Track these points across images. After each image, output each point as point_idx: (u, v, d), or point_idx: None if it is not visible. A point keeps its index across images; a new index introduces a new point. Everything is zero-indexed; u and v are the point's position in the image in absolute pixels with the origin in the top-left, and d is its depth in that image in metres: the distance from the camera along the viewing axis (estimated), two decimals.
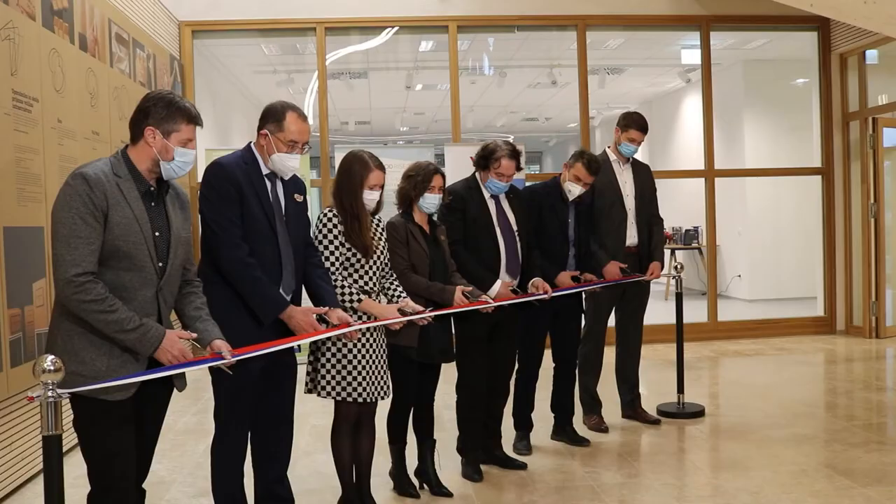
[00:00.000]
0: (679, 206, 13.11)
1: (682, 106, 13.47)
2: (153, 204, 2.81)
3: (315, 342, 3.64)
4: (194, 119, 2.84)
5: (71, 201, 2.62)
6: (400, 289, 3.88)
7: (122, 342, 2.67)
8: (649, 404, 5.70)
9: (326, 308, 3.36)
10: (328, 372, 3.61)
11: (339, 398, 3.65)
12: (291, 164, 3.32)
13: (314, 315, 3.33)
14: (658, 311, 6.17)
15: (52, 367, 2.25)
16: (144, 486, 3.00)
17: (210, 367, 3.07)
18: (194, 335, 2.88)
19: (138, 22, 6.85)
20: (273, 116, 3.30)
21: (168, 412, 3.11)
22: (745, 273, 11.96)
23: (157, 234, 2.78)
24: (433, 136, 17.65)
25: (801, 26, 9.05)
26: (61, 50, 5.06)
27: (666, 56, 11.55)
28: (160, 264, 2.79)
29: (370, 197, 3.66)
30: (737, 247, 12.07)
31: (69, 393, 2.51)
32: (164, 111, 2.77)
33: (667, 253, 13.07)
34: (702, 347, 8.45)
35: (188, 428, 5.67)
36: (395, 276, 3.92)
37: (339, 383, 3.62)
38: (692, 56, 9.65)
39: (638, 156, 5.56)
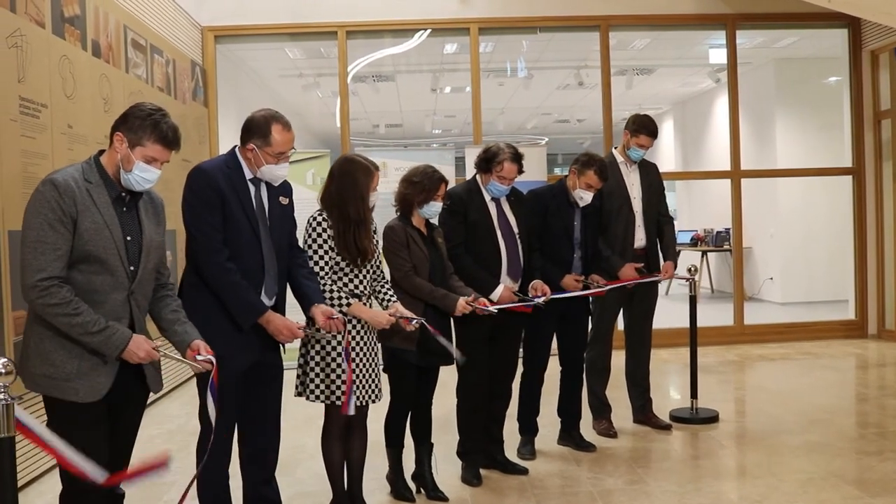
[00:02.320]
0: (711, 207, 12.97)
1: (714, 106, 13.28)
2: (124, 209, 2.84)
3: (304, 346, 3.65)
4: (165, 141, 2.82)
5: (40, 207, 2.66)
6: (391, 293, 3.86)
7: (87, 345, 2.70)
8: (664, 409, 5.61)
9: (303, 324, 3.37)
10: (317, 376, 3.62)
11: (328, 402, 3.65)
12: (280, 173, 3.33)
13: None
14: (681, 314, 6.07)
15: (2, 370, 2.30)
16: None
17: (196, 373, 3.10)
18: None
19: (160, 28, 6.94)
20: (259, 131, 3.29)
21: (179, 414, 3.17)
22: (778, 276, 11.74)
23: (128, 238, 2.81)
24: (466, 138, 17.64)
25: (831, 24, 8.87)
26: (72, 56, 5.14)
27: (694, 56, 11.41)
28: (131, 268, 2.82)
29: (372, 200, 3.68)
30: (769, 249, 11.87)
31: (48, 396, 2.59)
32: (138, 122, 2.80)
33: (697, 255, 12.96)
34: (727, 351, 8.31)
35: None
36: (386, 280, 3.91)
37: (328, 387, 3.62)
38: (720, 55, 9.50)
39: (671, 158, 5.51)
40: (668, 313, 5.85)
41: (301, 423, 5.56)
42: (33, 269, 2.63)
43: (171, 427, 5.65)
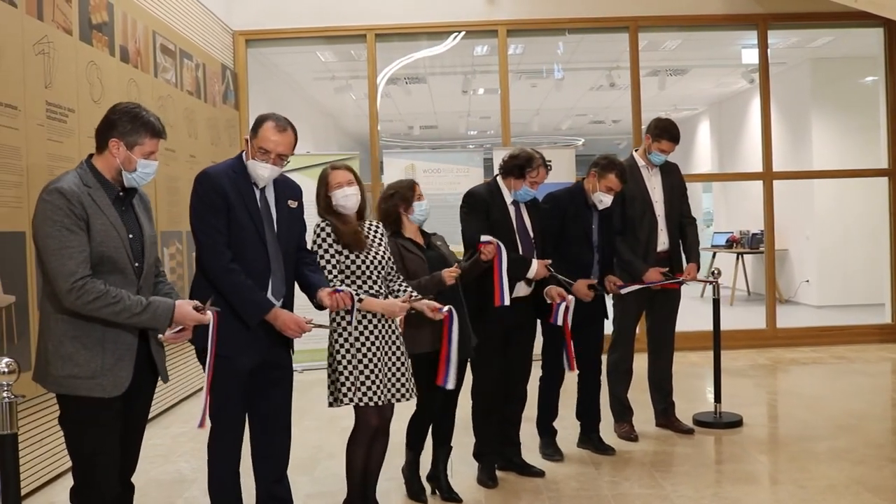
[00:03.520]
0: (747, 209, 12.81)
1: (749, 107, 13.12)
2: (123, 209, 2.95)
3: (331, 355, 3.68)
4: (158, 133, 2.96)
5: (52, 215, 2.73)
6: (409, 289, 3.88)
7: (138, 325, 2.84)
8: (688, 412, 5.57)
9: (312, 319, 3.40)
10: (347, 379, 3.63)
11: (360, 403, 3.67)
12: (260, 171, 3.31)
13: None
14: (710, 317, 5.99)
15: (6, 370, 2.37)
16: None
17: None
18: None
19: (190, 33, 7.05)
20: (255, 124, 3.37)
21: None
22: (814, 278, 11.56)
23: (130, 236, 2.92)
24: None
25: (865, 23, 8.69)
26: (100, 62, 5.25)
27: (727, 56, 11.28)
28: (136, 264, 2.93)
29: (340, 194, 3.70)
30: (805, 251, 11.70)
31: (71, 395, 2.79)
32: (129, 125, 2.90)
33: (732, 257, 12.82)
34: (758, 355, 8.21)
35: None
36: (402, 278, 3.92)
37: (358, 388, 3.64)
38: (753, 56, 9.38)
39: (706, 159, 5.47)
40: (701, 316, 5.78)
41: (324, 424, 5.62)
42: (65, 275, 2.71)
43: (195, 426, 5.73)
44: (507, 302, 4.14)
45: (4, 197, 4.19)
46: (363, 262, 3.70)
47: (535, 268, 4.37)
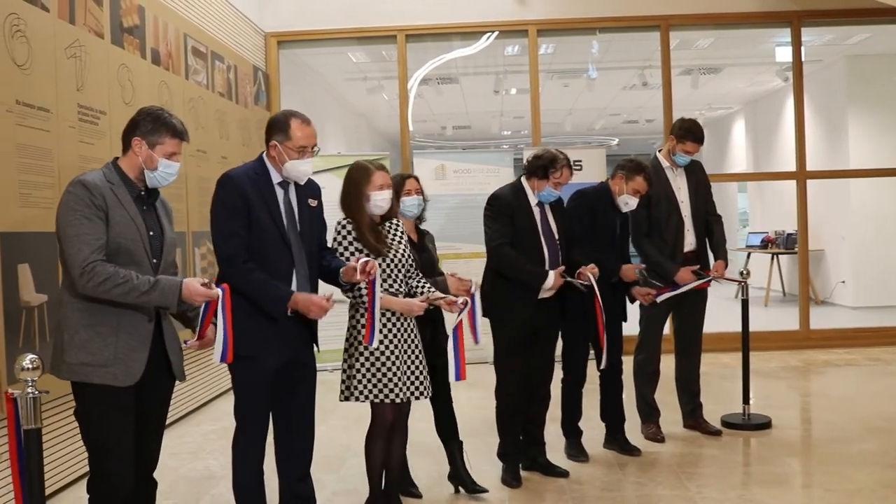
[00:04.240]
0: (783, 209, 12.65)
1: (785, 106, 12.95)
2: (144, 208, 3.06)
3: (346, 350, 3.71)
4: (179, 134, 3.07)
5: (73, 205, 2.86)
6: (427, 285, 3.89)
7: (148, 304, 2.92)
8: (716, 414, 5.53)
9: (331, 294, 3.41)
10: (363, 376, 3.66)
11: (376, 400, 3.69)
12: (304, 168, 3.39)
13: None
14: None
15: (31, 366, 2.42)
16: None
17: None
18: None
19: (221, 35, 7.14)
20: (278, 127, 3.40)
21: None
22: (850, 279, 11.39)
23: (151, 233, 3.03)
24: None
25: None
26: (131, 65, 5.34)
27: (761, 54, 11.16)
28: (154, 260, 3.03)
29: (380, 197, 3.72)
30: (841, 251, 11.53)
31: (84, 383, 2.88)
32: (150, 125, 3.02)
33: (767, 257, 12.67)
34: (790, 357, 8.11)
35: None
36: (420, 276, 3.94)
37: (374, 385, 3.67)
38: (787, 54, 9.27)
39: (742, 158, 5.43)
40: (734, 317, 5.72)
41: (350, 423, 5.66)
42: (78, 261, 2.82)
43: (225, 424, 5.80)
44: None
45: (37, 198, 4.28)
46: (384, 261, 3.73)
47: (552, 280, 4.35)
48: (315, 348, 3.57)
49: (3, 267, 3.94)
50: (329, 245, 3.69)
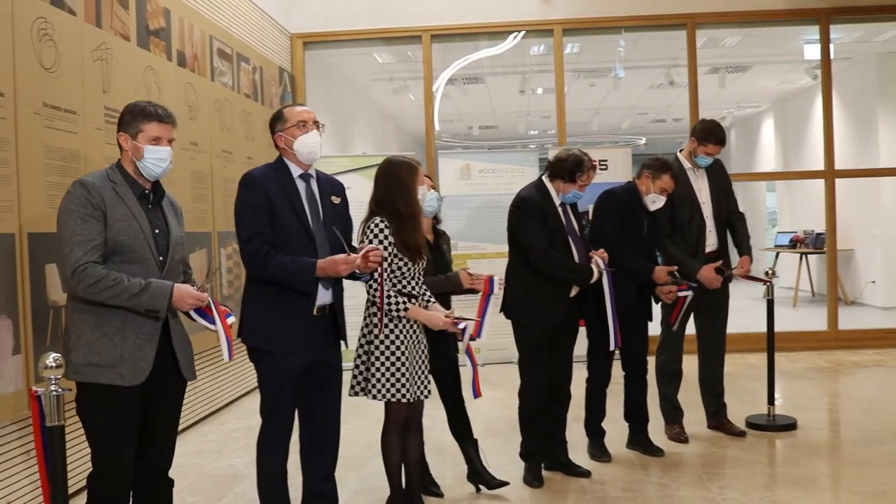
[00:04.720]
0: (812, 208, 12.51)
1: (814, 104, 12.79)
2: (150, 206, 3.08)
3: (361, 346, 3.72)
4: (157, 117, 3.07)
5: (70, 206, 2.89)
6: (428, 294, 3.91)
7: (138, 307, 2.91)
8: (741, 415, 5.49)
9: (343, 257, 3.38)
10: (382, 375, 3.67)
11: (393, 399, 3.72)
12: (311, 140, 3.40)
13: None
14: (777, 318, 5.82)
15: (53, 364, 2.47)
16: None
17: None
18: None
19: (247, 36, 7.21)
20: (274, 119, 3.49)
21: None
22: (880, 279, 11.25)
23: (156, 231, 3.04)
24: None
25: None
26: (157, 67, 5.40)
27: (789, 52, 11.05)
28: (161, 258, 3.04)
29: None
30: (871, 251, 11.39)
31: (90, 383, 2.89)
32: (128, 116, 3.07)
33: (795, 257, 12.55)
34: (818, 357, 8.03)
35: None
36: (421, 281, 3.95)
37: (392, 385, 3.69)
38: (816, 51, 9.16)
39: (771, 157, 5.39)
40: (762, 317, 5.66)
41: (375, 422, 5.62)
42: (71, 262, 2.85)
43: (250, 423, 5.85)
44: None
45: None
46: (415, 264, 3.76)
47: (597, 273, 4.37)
48: (343, 345, 3.59)
49: (31, 267, 4.01)
50: (354, 243, 3.68)
